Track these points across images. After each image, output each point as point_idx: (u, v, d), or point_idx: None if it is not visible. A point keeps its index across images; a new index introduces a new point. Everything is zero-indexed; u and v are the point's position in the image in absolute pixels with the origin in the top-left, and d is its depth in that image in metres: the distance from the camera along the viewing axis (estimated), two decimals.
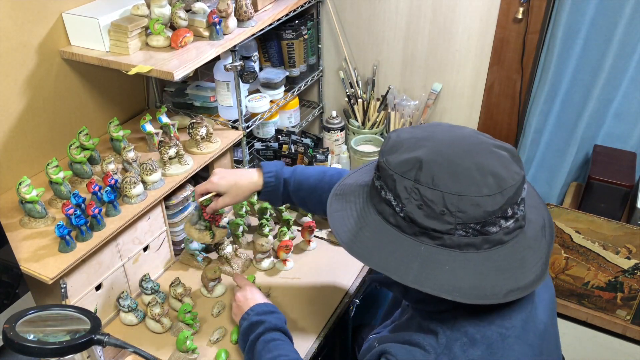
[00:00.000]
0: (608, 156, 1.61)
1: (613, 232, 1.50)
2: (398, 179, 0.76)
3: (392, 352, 0.78)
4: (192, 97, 1.71)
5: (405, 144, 0.79)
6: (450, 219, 0.73)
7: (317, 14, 1.87)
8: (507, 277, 0.74)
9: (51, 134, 1.44)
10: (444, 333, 0.76)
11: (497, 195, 0.72)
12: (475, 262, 0.74)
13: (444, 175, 0.73)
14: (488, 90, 1.75)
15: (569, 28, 1.53)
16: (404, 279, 0.74)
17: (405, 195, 0.75)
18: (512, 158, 0.77)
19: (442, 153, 0.75)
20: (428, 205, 0.73)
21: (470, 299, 0.72)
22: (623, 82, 1.56)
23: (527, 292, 0.74)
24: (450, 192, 0.72)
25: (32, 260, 1.16)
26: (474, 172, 0.73)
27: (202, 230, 1.34)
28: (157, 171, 1.36)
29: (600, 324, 1.64)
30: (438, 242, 0.75)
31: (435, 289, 0.73)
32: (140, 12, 1.38)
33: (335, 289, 1.42)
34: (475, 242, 0.74)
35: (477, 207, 0.72)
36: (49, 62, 1.38)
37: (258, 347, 1.10)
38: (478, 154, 0.76)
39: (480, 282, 0.73)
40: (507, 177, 0.74)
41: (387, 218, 0.79)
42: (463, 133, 0.81)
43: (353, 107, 1.94)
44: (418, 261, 0.75)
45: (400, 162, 0.76)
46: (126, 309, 1.31)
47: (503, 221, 0.74)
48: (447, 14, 1.69)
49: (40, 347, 0.85)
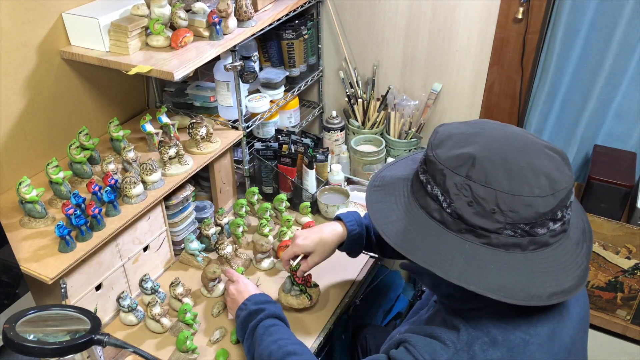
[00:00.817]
0: (608, 156, 1.61)
1: (613, 232, 1.50)
2: (448, 174, 0.74)
3: (411, 342, 0.78)
4: (192, 97, 1.71)
5: (455, 138, 0.78)
6: (500, 218, 0.72)
7: (317, 14, 1.87)
8: (551, 279, 0.73)
9: (51, 134, 1.44)
10: (467, 330, 0.76)
11: (549, 197, 0.72)
12: (520, 263, 0.73)
13: (498, 173, 0.72)
14: (488, 90, 1.75)
15: (569, 28, 1.53)
16: (448, 275, 0.73)
17: (455, 191, 0.73)
18: (563, 161, 0.76)
19: (495, 150, 0.74)
20: (479, 203, 0.72)
21: (516, 299, 0.71)
22: (623, 82, 1.56)
23: (569, 297, 0.73)
24: (504, 191, 0.71)
25: (32, 260, 1.16)
26: (528, 172, 0.72)
27: (299, 296, 1.31)
28: (157, 171, 1.36)
29: (600, 324, 1.64)
30: (484, 240, 0.74)
31: (481, 287, 0.72)
32: (140, 12, 1.38)
33: (335, 289, 1.42)
34: (522, 242, 0.73)
35: (529, 207, 0.71)
36: (49, 62, 1.38)
37: (259, 332, 1.10)
38: (531, 154, 0.75)
39: (526, 283, 0.72)
40: (560, 180, 0.73)
41: (431, 213, 0.77)
42: (514, 131, 0.79)
43: (353, 107, 1.94)
44: (462, 258, 0.74)
45: (451, 157, 0.75)
46: (126, 309, 1.31)
47: (551, 223, 0.74)
48: (447, 14, 1.69)
49: (40, 347, 0.85)
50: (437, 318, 0.84)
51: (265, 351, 1.05)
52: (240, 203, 1.60)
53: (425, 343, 0.77)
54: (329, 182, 1.73)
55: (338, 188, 1.71)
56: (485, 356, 0.73)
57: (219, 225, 1.57)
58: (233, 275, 1.30)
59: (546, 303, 0.72)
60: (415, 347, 0.76)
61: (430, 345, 0.76)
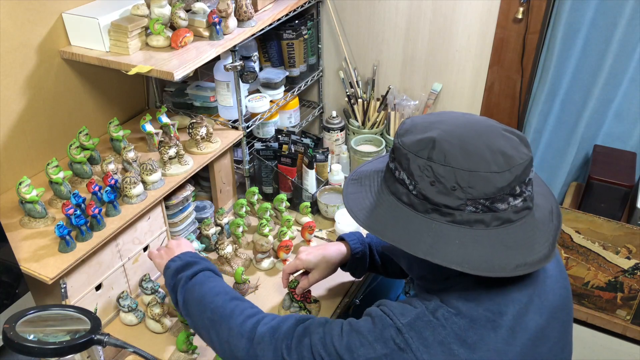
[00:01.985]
0: (608, 156, 1.61)
1: (613, 232, 1.50)
2: (412, 158, 0.79)
3: (385, 303, 0.83)
4: (192, 97, 1.71)
5: (419, 127, 0.83)
6: (460, 195, 0.76)
7: (317, 14, 1.87)
8: (516, 253, 0.77)
9: (51, 134, 1.44)
10: (436, 302, 0.81)
11: (506, 172, 0.76)
12: (484, 238, 0.78)
13: (456, 153, 0.77)
14: (488, 90, 1.75)
15: (569, 28, 1.53)
16: (415, 251, 0.78)
17: (419, 173, 0.78)
18: (520, 141, 0.81)
19: (454, 134, 0.79)
20: (440, 182, 0.77)
21: (479, 271, 0.76)
22: (623, 82, 1.56)
23: (535, 268, 0.77)
24: (462, 169, 0.76)
25: (32, 260, 1.16)
26: (485, 150, 0.77)
27: (299, 312, 1.31)
28: (157, 171, 1.36)
29: (600, 323, 1.64)
30: (449, 218, 0.78)
31: (446, 260, 0.76)
32: (140, 12, 1.38)
33: (335, 289, 1.42)
34: (485, 218, 0.78)
35: (486, 182, 0.75)
36: (49, 62, 1.38)
37: (198, 278, 1.07)
38: (488, 135, 0.79)
39: (489, 256, 0.76)
40: (515, 156, 0.77)
41: (401, 197, 0.82)
42: (474, 119, 0.85)
43: (353, 107, 1.94)
44: (430, 236, 0.78)
45: (414, 142, 0.80)
46: (126, 309, 1.31)
47: (511, 199, 0.78)
48: (447, 14, 1.69)
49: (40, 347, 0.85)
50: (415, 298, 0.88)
51: (209, 293, 1.03)
52: (240, 203, 1.60)
53: (397, 305, 0.82)
54: (329, 182, 1.74)
55: (338, 188, 1.71)
56: (448, 323, 0.77)
57: (219, 225, 1.57)
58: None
59: (512, 274, 0.76)
60: (387, 307, 0.82)
61: (402, 306, 0.81)
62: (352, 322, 0.84)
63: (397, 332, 0.78)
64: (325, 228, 1.64)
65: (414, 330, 0.77)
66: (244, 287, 1.39)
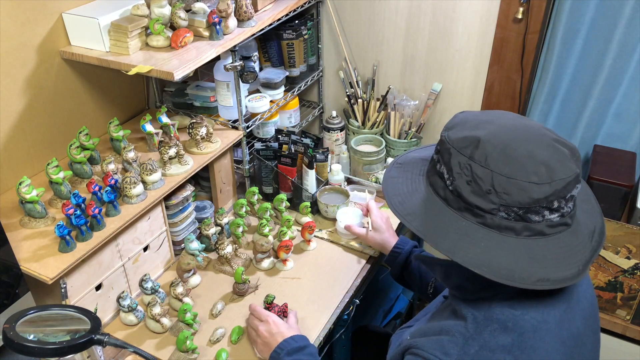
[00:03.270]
0: (608, 156, 1.61)
1: (613, 232, 1.50)
2: (454, 154, 0.78)
3: (417, 345, 0.80)
4: (192, 97, 1.71)
5: (469, 123, 0.82)
6: (494, 199, 0.75)
7: (317, 14, 1.87)
8: (540, 267, 0.75)
9: (51, 134, 1.44)
10: (474, 319, 0.78)
11: (545, 185, 0.74)
12: (511, 246, 0.76)
13: (497, 157, 0.75)
14: (488, 90, 1.75)
15: (568, 28, 1.53)
16: (438, 246, 0.78)
17: (458, 170, 0.78)
18: (571, 156, 0.78)
19: (500, 136, 0.77)
20: (476, 182, 0.76)
21: (497, 277, 0.74)
22: (623, 82, 1.56)
23: (558, 286, 0.75)
24: (500, 173, 0.74)
25: (32, 260, 1.16)
26: (527, 159, 0.75)
27: None
28: (157, 171, 1.36)
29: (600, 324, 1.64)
30: (480, 219, 0.77)
31: (466, 260, 0.75)
32: (140, 12, 1.38)
33: (335, 289, 1.42)
34: (516, 227, 0.76)
35: (522, 191, 0.74)
36: (49, 62, 1.38)
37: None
38: (535, 143, 0.77)
39: (511, 265, 0.75)
40: (559, 170, 0.75)
41: (437, 190, 0.82)
42: (527, 123, 0.82)
43: (353, 107, 1.94)
44: (457, 233, 0.78)
45: (459, 138, 0.79)
46: (126, 309, 1.31)
47: (547, 212, 0.76)
48: (447, 14, 1.69)
49: (40, 347, 0.85)
50: (446, 311, 0.86)
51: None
52: (240, 203, 1.60)
53: (431, 342, 0.78)
54: (329, 182, 1.73)
55: (338, 188, 1.71)
56: (497, 342, 0.75)
57: (219, 225, 1.57)
58: (262, 314, 1.24)
59: (532, 287, 0.74)
60: (422, 349, 0.78)
61: (438, 342, 0.78)
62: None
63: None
64: (325, 228, 1.64)
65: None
66: (244, 287, 1.39)
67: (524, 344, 0.75)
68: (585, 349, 0.83)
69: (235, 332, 1.27)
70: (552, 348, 0.76)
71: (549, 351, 0.76)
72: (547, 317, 0.78)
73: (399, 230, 1.58)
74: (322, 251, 1.55)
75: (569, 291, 0.82)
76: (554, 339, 0.77)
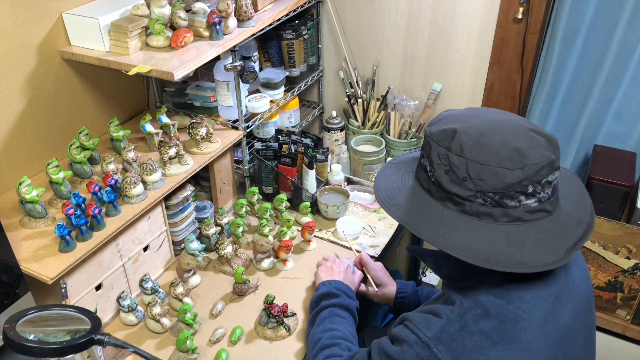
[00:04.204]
0: (608, 156, 1.61)
1: (613, 232, 1.50)
2: (433, 146, 0.83)
3: (409, 317, 0.85)
4: (192, 97, 1.71)
5: (450, 118, 0.86)
6: (470, 186, 0.78)
7: (317, 14, 1.87)
8: (518, 251, 0.78)
9: (51, 134, 1.44)
10: (461, 303, 0.81)
11: (517, 170, 0.76)
12: (489, 231, 0.79)
13: (472, 145, 0.79)
14: (488, 90, 1.75)
15: (568, 28, 1.53)
16: (419, 233, 0.82)
17: (437, 161, 0.82)
18: (547, 144, 0.80)
19: (477, 128, 0.81)
20: (453, 171, 0.79)
21: (475, 260, 0.77)
22: (623, 82, 1.56)
23: (538, 270, 0.77)
24: (474, 160, 0.78)
25: (32, 260, 1.16)
26: (500, 146, 0.78)
27: (276, 328, 1.28)
28: (157, 171, 1.36)
29: (600, 323, 1.64)
30: (460, 207, 0.80)
31: (446, 246, 0.79)
32: (140, 12, 1.38)
33: None
34: (494, 212, 0.79)
35: (496, 177, 0.77)
36: (49, 62, 1.38)
37: (324, 314, 1.18)
38: (510, 132, 0.80)
39: (489, 249, 0.77)
40: (531, 156, 0.77)
41: (422, 183, 0.86)
42: (507, 116, 0.86)
43: (353, 107, 1.94)
44: (438, 222, 0.81)
45: (438, 132, 0.83)
46: (126, 309, 1.31)
47: (523, 197, 0.78)
48: (447, 14, 1.69)
49: (40, 347, 0.85)
50: (440, 299, 0.89)
51: (317, 334, 1.14)
52: (240, 203, 1.59)
53: (421, 318, 0.83)
54: (329, 182, 1.73)
55: (338, 188, 1.70)
56: (477, 326, 0.78)
57: (219, 225, 1.57)
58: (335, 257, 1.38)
59: (511, 270, 0.77)
60: (411, 322, 0.83)
61: (426, 318, 0.82)
62: (383, 345, 0.86)
63: (424, 348, 0.78)
64: (325, 228, 1.64)
65: (442, 344, 0.77)
66: (244, 287, 1.39)
67: (504, 332, 0.77)
68: (575, 343, 0.84)
69: (235, 332, 1.27)
70: (533, 339, 0.78)
71: (529, 341, 0.77)
72: (533, 308, 0.79)
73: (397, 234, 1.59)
74: (322, 251, 1.55)
75: (560, 284, 0.83)
76: (537, 330, 0.78)
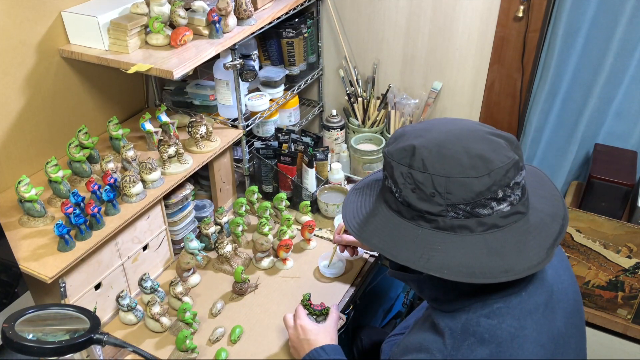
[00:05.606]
0: (609, 155, 1.60)
1: (614, 231, 1.50)
2: (395, 166, 0.80)
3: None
4: (192, 96, 1.71)
5: (407, 135, 0.83)
6: (440, 201, 0.76)
7: (317, 12, 1.87)
8: (500, 259, 0.75)
9: (50, 133, 1.44)
10: (452, 334, 0.77)
11: (484, 177, 0.74)
12: (468, 244, 0.76)
13: (433, 159, 0.77)
14: (488, 89, 1.75)
15: (569, 26, 1.52)
16: (397, 258, 0.78)
17: (402, 180, 0.79)
18: (508, 145, 0.79)
19: (434, 140, 0.79)
20: (420, 188, 0.77)
21: (459, 277, 0.74)
22: (624, 80, 1.55)
23: (524, 275, 0.75)
24: (438, 174, 0.75)
25: (31, 260, 1.15)
26: (462, 155, 0.76)
27: (315, 320, 1.22)
28: (156, 170, 1.35)
29: (601, 323, 1.64)
30: (433, 224, 0.78)
31: (427, 267, 0.76)
32: (139, 11, 1.37)
33: (335, 288, 1.42)
34: (468, 224, 0.76)
35: (463, 187, 0.74)
36: (48, 60, 1.37)
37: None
38: (468, 139, 0.78)
39: (470, 262, 0.75)
40: (495, 160, 0.75)
41: (391, 205, 0.83)
42: (461, 124, 0.84)
43: (353, 106, 1.93)
44: (415, 242, 0.78)
45: (397, 150, 0.81)
46: (125, 308, 1.31)
47: (494, 203, 0.76)
48: (448, 13, 1.69)
49: (39, 347, 0.84)
50: (427, 323, 0.85)
51: None
52: (240, 202, 1.59)
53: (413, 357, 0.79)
54: (328, 181, 1.73)
55: (338, 187, 1.70)
56: (475, 356, 0.75)
57: (218, 224, 1.56)
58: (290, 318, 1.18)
59: (496, 280, 0.74)
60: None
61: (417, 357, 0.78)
62: None
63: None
64: (325, 227, 1.64)
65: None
66: (244, 286, 1.39)
67: (503, 354, 0.75)
68: (568, 349, 0.83)
69: (235, 332, 1.27)
70: (531, 354, 0.76)
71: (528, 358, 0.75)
72: (524, 323, 0.77)
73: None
74: (322, 250, 1.54)
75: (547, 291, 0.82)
76: (533, 345, 0.76)
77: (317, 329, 1.13)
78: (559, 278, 0.85)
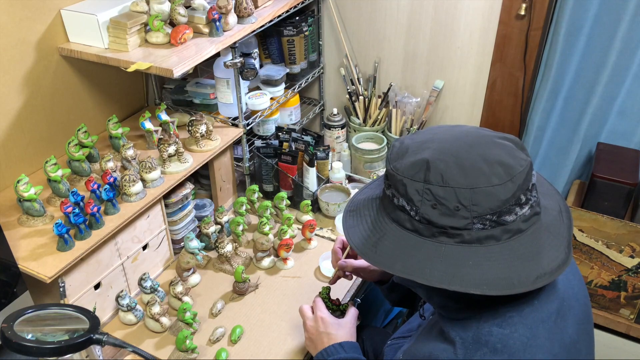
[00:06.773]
0: (611, 154, 1.60)
1: (616, 231, 1.49)
2: (408, 183, 0.76)
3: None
4: (192, 95, 1.70)
5: (410, 148, 0.80)
6: (466, 214, 0.73)
7: (317, 10, 1.86)
8: (532, 264, 0.74)
9: (49, 132, 1.43)
10: (463, 343, 0.76)
11: (508, 183, 0.73)
12: (497, 254, 0.74)
13: (453, 171, 0.73)
14: (490, 88, 1.74)
15: (572, 25, 1.52)
16: (429, 281, 0.74)
17: (418, 197, 0.75)
18: (516, 147, 0.78)
19: (446, 150, 0.76)
20: (442, 204, 0.73)
21: (499, 290, 0.72)
22: (627, 79, 1.55)
23: (555, 277, 0.74)
24: (462, 187, 0.72)
25: (30, 259, 1.15)
26: (481, 163, 0.74)
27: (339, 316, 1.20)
28: (156, 169, 1.35)
29: (603, 323, 1.63)
30: (457, 239, 0.75)
31: (463, 285, 0.72)
32: (139, 9, 1.37)
33: (336, 288, 1.41)
34: (495, 233, 0.74)
35: (490, 197, 0.72)
36: (48, 59, 1.37)
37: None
38: (482, 146, 0.76)
39: (506, 273, 0.73)
40: (514, 165, 0.74)
41: (404, 224, 0.79)
42: (464, 130, 0.81)
43: (354, 105, 1.93)
44: (440, 261, 0.74)
45: (407, 166, 0.77)
46: (125, 308, 1.30)
47: (518, 208, 0.74)
48: (449, 11, 1.68)
49: (38, 347, 0.84)
50: (434, 330, 0.84)
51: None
52: (241, 201, 1.59)
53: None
54: (329, 180, 1.73)
55: (339, 186, 1.70)
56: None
57: (218, 223, 1.56)
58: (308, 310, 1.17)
59: (532, 287, 0.72)
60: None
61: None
62: None
63: None
64: (325, 226, 1.63)
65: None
66: (244, 286, 1.38)
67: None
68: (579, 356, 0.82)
69: (235, 332, 1.26)
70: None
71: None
72: (536, 332, 0.75)
73: None
74: (322, 250, 1.54)
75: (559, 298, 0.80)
76: (546, 354, 0.75)
77: (338, 324, 1.11)
78: (569, 283, 0.84)
